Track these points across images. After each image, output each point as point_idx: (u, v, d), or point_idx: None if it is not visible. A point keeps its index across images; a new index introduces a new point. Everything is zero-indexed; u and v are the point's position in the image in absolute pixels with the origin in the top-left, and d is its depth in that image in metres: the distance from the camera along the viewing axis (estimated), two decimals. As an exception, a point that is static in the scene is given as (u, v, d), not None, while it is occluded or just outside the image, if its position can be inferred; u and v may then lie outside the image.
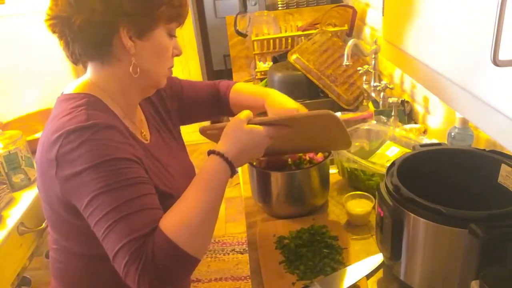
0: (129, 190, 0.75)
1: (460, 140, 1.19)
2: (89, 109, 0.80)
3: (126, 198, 0.74)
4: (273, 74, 1.99)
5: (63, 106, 0.82)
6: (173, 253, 0.72)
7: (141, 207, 0.75)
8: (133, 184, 0.76)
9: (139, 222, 0.73)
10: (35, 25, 2.96)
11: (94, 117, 0.78)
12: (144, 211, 0.75)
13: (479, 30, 0.57)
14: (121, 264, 0.72)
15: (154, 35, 0.84)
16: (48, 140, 0.78)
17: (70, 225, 0.85)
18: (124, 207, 0.73)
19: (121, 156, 0.77)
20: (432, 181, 0.95)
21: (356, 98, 1.87)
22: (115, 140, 0.78)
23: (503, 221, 0.75)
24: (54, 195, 0.80)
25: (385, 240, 0.92)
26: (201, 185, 0.81)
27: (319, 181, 1.22)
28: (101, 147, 0.75)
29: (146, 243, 0.72)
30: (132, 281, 0.72)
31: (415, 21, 0.79)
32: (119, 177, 0.75)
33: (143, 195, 0.77)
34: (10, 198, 1.62)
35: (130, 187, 0.75)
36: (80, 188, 0.75)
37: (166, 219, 0.76)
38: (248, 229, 1.22)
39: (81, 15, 0.78)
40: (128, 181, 0.75)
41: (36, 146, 1.91)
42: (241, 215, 2.72)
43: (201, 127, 1.07)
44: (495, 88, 0.55)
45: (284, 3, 2.65)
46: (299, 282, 0.99)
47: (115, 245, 0.72)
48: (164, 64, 0.89)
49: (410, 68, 0.85)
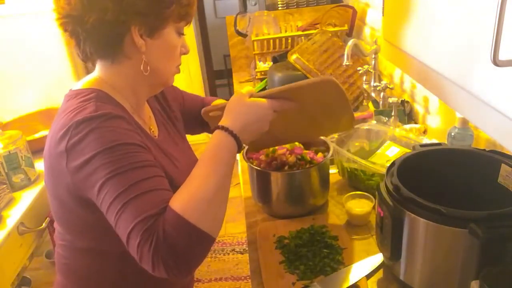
0: (137, 172, 0.75)
1: (460, 140, 1.19)
2: (98, 101, 0.81)
3: (134, 181, 0.74)
4: (273, 74, 1.99)
5: (71, 101, 0.83)
6: (185, 230, 0.71)
7: (149, 188, 0.74)
8: (141, 167, 0.76)
9: (148, 203, 0.73)
10: (35, 25, 2.96)
11: (103, 108, 0.79)
12: (153, 191, 0.74)
13: (479, 30, 0.57)
14: (134, 247, 0.71)
15: (164, 34, 0.85)
16: (57, 134, 0.79)
17: (78, 219, 0.85)
18: (132, 189, 0.73)
19: (129, 141, 0.77)
20: (432, 181, 0.95)
21: (356, 98, 1.87)
22: (124, 127, 0.79)
23: (503, 221, 0.75)
24: (65, 188, 0.80)
25: (385, 240, 0.92)
26: (208, 161, 0.80)
27: (319, 181, 1.22)
28: (109, 133, 0.76)
29: (156, 222, 0.71)
30: (147, 262, 0.71)
31: (415, 21, 0.79)
32: (127, 161, 0.75)
33: (152, 177, 0.76)
34: (10, 198, 1.62)
35: (138, 170, 0.75)
36: (92, 175, 0.75)
37: (175, 197, 0.75)
38: (248, 229, 1.22)
39: (94, 14, 0.79)
40: (136, 164, 0.75)
41: (36, 146, 1.92)
42: (241, 215, 2.72)
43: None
44: (495, 88, 0.55)
45: (284, 3, 2.66)
46: (299, 282, 0.99)
47: (126, 229, 0.71)
48: (172, 62, 0.90)
49: (410, 68, 0.85)
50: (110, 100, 0.85)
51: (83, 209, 0.82)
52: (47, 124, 2.15)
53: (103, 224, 0.77)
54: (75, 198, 0.80)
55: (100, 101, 0.81)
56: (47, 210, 1.75)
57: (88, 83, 0.87)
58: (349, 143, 1.39)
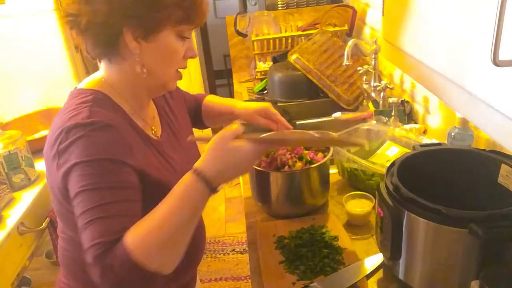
0: (111, 192, 0.76)
1: (460, 140, 1.19)
2: (93, 106, 0.82)
3: (105, 201, 0.74)
4: (273, 74, 1.99)
5: (72, 101, 0.85)
6: (130, 269, 0.72)
7: (115, 213, 0.75)
8: (116, 188, 0.76)
9: (109, 228, 0.74)
10: (35, 25, 2.97)
11: (96, 115, 0.80)
12: (119, 217, 0.75)
13: (479, 30, 0.57)
14: (88, 263, 0.74)
15: (160, 37, 0.83)
16: (53, 135, 0.81)
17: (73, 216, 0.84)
18: (99, 210, 0.74)
19: (113, 158, 0.78)
20: (432, 181, 0.95)
21: (356, 98, 1.87)
22: (111, 141, 0.79)
23: (503, 221, 0.75)
24: (57, 187, 0.83)
25: (385, 240, 0.92)
26: (175, 200, 0.78)
27: (319, 181, 1.22)
28: (95, 145, 0.77)
29: (108, 251, 0.72)
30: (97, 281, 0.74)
31: (415, 21, 0.79)
32: (105, 178, 0.76)
33: (124, 200, 0.77)
34: (10, 198, 1.62)
35: (113, 190, 0.76)
36: (72, 181, 0.77)
37: (132, 230, 0.74)
38: (248, 229, 1.22)
39: (86, 15, 0.80)
40: (113, 183, 0.76)
41: (36, 146, 1.92)
42: (241, 215, 2.72)
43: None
44: (495, 88, 0.55)
45: (284, 3, 2.65)
46: (299, 282, 0.99)
47: (85, 244, 0.74)
48: (171, 66, 0.89)
49: (410, 68, 0.85)
50: (108, 103, 0.86)
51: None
52: (47, 124, 2.14)
53: None
54: (67, 199, 0.81)
55: (97, 105, 0.82)
56: (47, 210, 1.75)
57: (91, 84, 0.89)
58: (349, 143, 1.39)
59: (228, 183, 3.00)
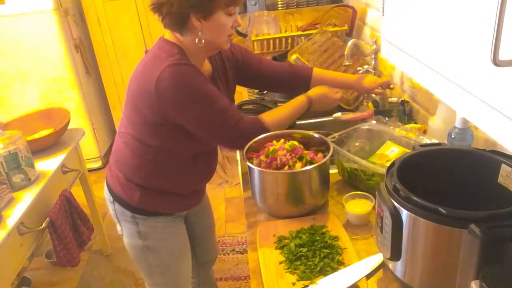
0: (220, 100, 1.22)
1: (460, 140, 1.19)
2: (180, 53, 1.21)
3: (221, 107, 1.22)
4: (273, 74, 1.98)
5: (162, 49, 1.21)
6: (262, 132, 1.29)
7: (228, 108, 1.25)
8: (220, 97, 1.22)
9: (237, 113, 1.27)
10: (35, 25, 2.97)
11: (184, 60, 1.19)
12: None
13: (479, 30, 0.57)
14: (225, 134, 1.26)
15: (215, 17, 1.18)
16: (152, 62, 1.19)
17: (153, 127, 1.23)
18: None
19: (207, 84, 1.20)
20: (432, 181, 0.95)
21: (356, 98, 1.87)
22: (201, 74, 1.20)
23: (503, 221, 0.75)
24: (148, 106, 1.18)
25: (385, 240, 0.92)
26: (292, 106, 1.38)
27: (319, 181, 1.22)
28: (190, 77, 1.17)
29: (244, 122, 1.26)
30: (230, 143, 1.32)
31: (415, 21, 0.79)
32: (209, 94, 1.20)
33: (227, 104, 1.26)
34: (10, 198, 1.62)
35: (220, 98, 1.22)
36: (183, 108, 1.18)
37: (268, 114, 1.34)
38: (248, 229, 1.22)
39: (165, 6, 1.16)
40: (216, 96, 1.21)
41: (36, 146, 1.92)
42: (241, 215, 2.72)
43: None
44: (495, 88, 0.55)
45: (284, 3, 2.65)
46: (299, 282, 0.99)
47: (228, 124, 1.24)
48: (223, 35, 1.23)
49: (410, 68, 0.85)
50: (186, 56, 1.22)
51: (161, 123, 1.21)
52: (47, 124, 2.16)
53: (171, 133, 1.22)
54: (159, 117, 1.19)
55: (181, 55, 1.20)
56: (47, 210, 1.75)
57: (174, 39, 1.24)
58: (349, 143, 1.39)
59: (229, 183, 3.06)
